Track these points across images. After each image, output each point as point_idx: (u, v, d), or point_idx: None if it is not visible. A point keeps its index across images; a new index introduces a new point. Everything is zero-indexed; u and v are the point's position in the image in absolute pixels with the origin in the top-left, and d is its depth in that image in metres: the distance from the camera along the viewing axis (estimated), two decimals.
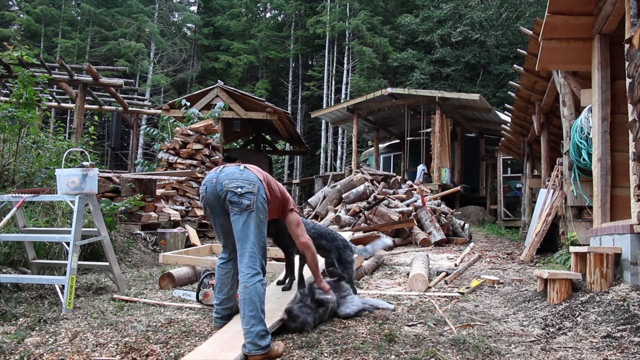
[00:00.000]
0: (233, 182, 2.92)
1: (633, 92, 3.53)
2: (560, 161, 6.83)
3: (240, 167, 3.03)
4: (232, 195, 2.89)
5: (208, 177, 3.07)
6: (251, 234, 2.85)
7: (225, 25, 34.43)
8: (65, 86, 11.11)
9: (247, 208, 2.87)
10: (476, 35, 25.28)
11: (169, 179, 9.16)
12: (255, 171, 3.07)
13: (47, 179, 5.54)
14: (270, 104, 14.54)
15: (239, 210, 2.88)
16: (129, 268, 5.61)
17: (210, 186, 3.01)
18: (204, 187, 3.05)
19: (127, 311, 3.56)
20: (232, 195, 2.89)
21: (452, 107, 15.89)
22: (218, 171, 3.06)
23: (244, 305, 2.70)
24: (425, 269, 5.09)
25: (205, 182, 3.06)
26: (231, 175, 2.96)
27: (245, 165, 3.10)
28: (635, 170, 3.61)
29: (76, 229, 3.71)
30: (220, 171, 3.05)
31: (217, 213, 3.07)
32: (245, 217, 2.86)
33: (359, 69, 28.28)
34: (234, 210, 2.89)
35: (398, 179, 10.85)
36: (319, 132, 30.18)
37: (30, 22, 28.47)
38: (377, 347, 2.76)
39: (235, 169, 3.02)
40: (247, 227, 2.86)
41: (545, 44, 5.28)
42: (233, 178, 2.94)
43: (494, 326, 3.32)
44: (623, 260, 3.72)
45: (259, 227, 2.90)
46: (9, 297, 3.69)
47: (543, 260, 6.48)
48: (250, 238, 2.85)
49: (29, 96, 5.48)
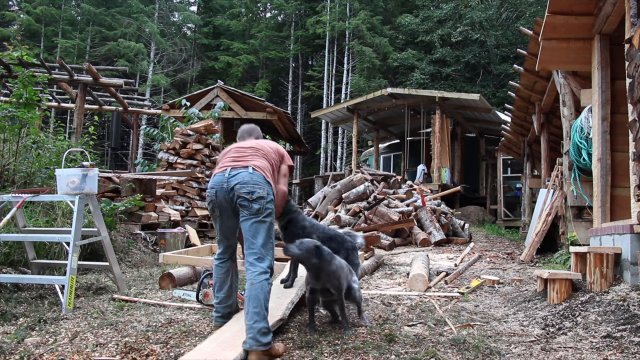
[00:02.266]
0: (244, 188, 2.98)
1: (633, 92, 3.53)
2: (560, 161, 6.83)
3: (249, 170, 3.06)
4: (243, 200, 2.97)
5: (217, 179, 3.09)
6: (260, 235, 2.94)
7: (225, 25, 34.45)
8: (65, 86, 11.11)
9: (257, 212, 2.96)
10: (476, 35, 25.28)
11: (169, 179, 9.16)
12: (262, 170, 3.10)
13: (47, 179, 5.53)
14: (270, 104, 14.54)
15: (249, 213, 2.97)
16: (129, 268, 5.61)
17: (220, 190, 3.04)
18: (213, 190, 3.08)
19: (127, 311, 3.56)
20: (242, 200, 2.97)
21: (452, 107, 15.89)
22: (227, 174, 3.06)
23: (249, 301, 2.74)
24: (425, 269, 5.09)
25: (214, 186, 3.08)
26: (242, 180, 3.00)
27: (253, 165, 3.11)
28: (635, 170, 3.61)
29: (76, 229, 3.71)
30: (229, 174, 3.06)
31: (227, 215, 3.11)
32: (255, 220, 2.96)
33: (359, 69, 28.28)
34: (244, 212, 2.98)
35: (398, 179, 10.85)
36: (319, 132, 30.19)
37: (30, 22, 28.48)
38: (377, 347, 2.76)
39: (245, 173, 3.04)
40: (257, 229, 2.95)
41: (545, 44, 5.28)
42: (244, 183, 2.99)
43: (494, 326, 3.32)
44: (623, 260, 3.72)
45: (268, 228, 2.99)
46: (9, 297, 3.69)
47: (543, 260, 6.48)
48: (258, 239, 2.94)
49: (29, 96, 5.48)
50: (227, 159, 3.21)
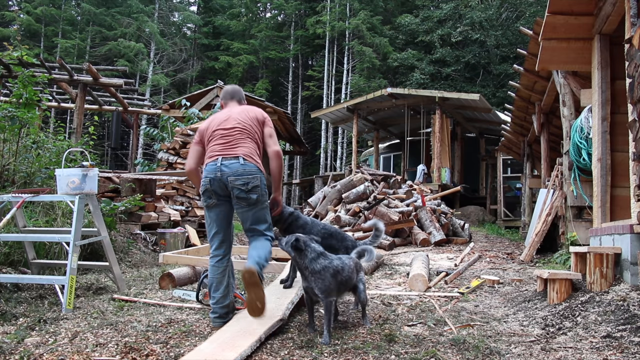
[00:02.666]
0: (239, 180, 3.15)
1: (633, 92, 3.53)
2: (560, 161, 6.83)
3: (240, 161, 3.18)
4: (240, 192, 3.15)
5: (210, 169, 3.21)
6: (262, 221, 3.28)
7: (225, 25, 34.45)
8: (65, 86, 11.10)
9: (256, 202, 3.20)
10: (476, 35, 25.28)
11: (169, 179, 9.15)
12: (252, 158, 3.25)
13: (47, 179, 5.53)
14: (270, 104, 14.54)
15: (247, 204, 3.19)
16: (129, 268, 5.61)
17: (214, 179, 3.18)
18: (207, 179, 3.20)
19: (127, 311, 3.56)
20: (239, 192, 3.15)
21: (452, 107, 15.88)
22: (219, 164, 3.18)
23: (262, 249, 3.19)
24: (425, 269, 5.09)
25: (208, 174, 3.20)
26: (235, 171, 3.15)
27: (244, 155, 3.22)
28: (635, 170, 3.61)
29: (76, 229, 3.71)
30: (221, 164, 3.18)
31: (222, 202, 3.25)
32: (255, 209, 3.22)
33: (359, 69, 28.28)
34: (242, 204, 3.19)
35: (398, 179, 10.85)
36: (319, 132, 30.19)
37: (30, 22, 28.47)
38: (377, 347, 2.76)
39: (237, 164, 3.17)
40: (258, 217, 3.26)
41: (545, 44, 5.28)
42: (238, 175, 3.15)
43: (494, 326, 3.32)
44: (623, 260, 3.72)
45: (266, 210, 3.32)
46: (9, 297, 3.69)
47: (543, 260, 6.48)
48: (262, 225, 3.27)
49: (29, 96, 5.48)
50: (215, 145, 3.29)
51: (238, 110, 3.44)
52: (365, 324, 3.26)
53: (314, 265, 2.99)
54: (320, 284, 2.96)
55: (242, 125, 3.33)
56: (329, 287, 2.98)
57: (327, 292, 2.97)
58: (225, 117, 3.40)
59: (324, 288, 2.96)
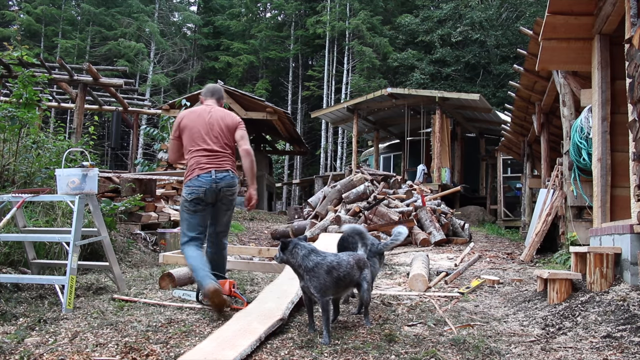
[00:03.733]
0: (230, 190, 3.75)
1: (633, 92, 3.53)
2: (560, 161, 6.83)
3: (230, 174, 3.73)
4: (227, 198, 3.78)
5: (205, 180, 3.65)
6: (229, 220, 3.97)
7: (225, 25, 34.43)
8: (65, 86, 11.10)
9: (233, 205, 3.90)
10: (476, 35, 25.28)
11: (169, 179, 9.16)
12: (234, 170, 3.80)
13: (47, 179, 5.53)
14: (270, 104, 14.55)
15: (227, 208, 3.83)
16: (129, 268, 5.61)
17: (209, 189, 3.66)
18: (202, 188, 3.65)
19: (127, 311, 3.56)
20: (226, 199, 3.78)
21: (452, 107, 15.88)
22: (214, 176, 3.66)
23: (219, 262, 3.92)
24: (425, 269, 5.09)
25: (203, 185, 3.65)
26: (227, 182, 3.72)
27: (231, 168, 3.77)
28: (635, 170, 3.61)
29: (76, 229, 3.70)
30: (216, 177, 3.67)
31: (209, 208, 3.76)
32: (231, 210, 3.90)
33: (359, 69, 28.28)
34: (224, 206, 3.80)
35: (398, 179, 10.84)
36: (319, 132, 30.19)
37: (30, 22, 28.47)
38: (377, 347, 2.76)
39: (229, 177, 3.72)
40: (230, 217, 3.93)
41: (545, 44, 5.27)
42: (228, 185, 3.73)
43: (494, 326, 3.32)
44: (623, 260, 3.72)
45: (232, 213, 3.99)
46: (9, 297, 3.69)
47: (543, 260, 6.48)
48: (229, 224, 3.99)
49: (29, 96, 5.47)
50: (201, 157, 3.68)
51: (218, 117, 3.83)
52: (366, 324, 3.25)
53: (306, 262, 2.93)
54: (315, 282, 2.90)
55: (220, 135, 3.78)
56: (324, 285, 2.91)
57: (323, 291, 2.91)
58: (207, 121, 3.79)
59: (319, 287, 2.90)
